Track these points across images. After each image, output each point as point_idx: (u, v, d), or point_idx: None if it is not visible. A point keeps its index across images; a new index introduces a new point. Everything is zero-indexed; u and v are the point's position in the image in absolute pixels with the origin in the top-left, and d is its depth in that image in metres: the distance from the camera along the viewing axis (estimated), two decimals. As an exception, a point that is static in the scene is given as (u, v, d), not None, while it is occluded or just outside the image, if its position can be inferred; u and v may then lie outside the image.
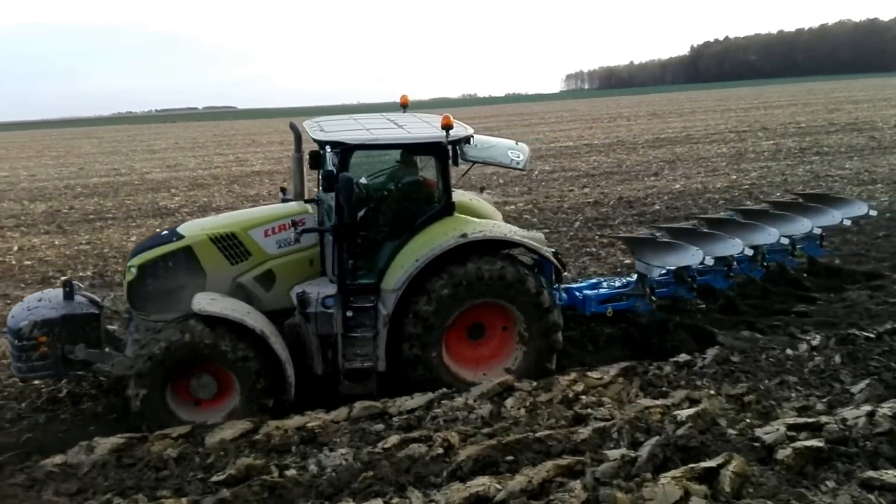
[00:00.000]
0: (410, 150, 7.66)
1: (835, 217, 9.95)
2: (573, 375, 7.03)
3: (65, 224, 20.08)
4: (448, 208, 7.35)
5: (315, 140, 7.38)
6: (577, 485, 4.74)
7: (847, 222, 10.14)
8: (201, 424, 6.50)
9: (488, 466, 5.31)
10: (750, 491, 4.61)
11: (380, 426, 6.26)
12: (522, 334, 7.33)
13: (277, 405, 6.84)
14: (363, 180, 7.97)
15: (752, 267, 9.39)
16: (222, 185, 27.50)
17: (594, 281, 9.54)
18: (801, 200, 10.81)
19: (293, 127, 8.29)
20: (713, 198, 18.47)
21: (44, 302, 7.47)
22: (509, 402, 6.53)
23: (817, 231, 9.75)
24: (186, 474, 5.66)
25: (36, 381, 7.89)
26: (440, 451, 5.57)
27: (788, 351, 7.50)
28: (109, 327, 8.30)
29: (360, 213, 7.37)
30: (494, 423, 6.17)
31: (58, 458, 5.94)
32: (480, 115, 74.20)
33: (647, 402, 6.33)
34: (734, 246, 8.63)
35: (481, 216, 7.95)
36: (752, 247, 8.88)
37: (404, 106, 8.62)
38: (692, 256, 8.31)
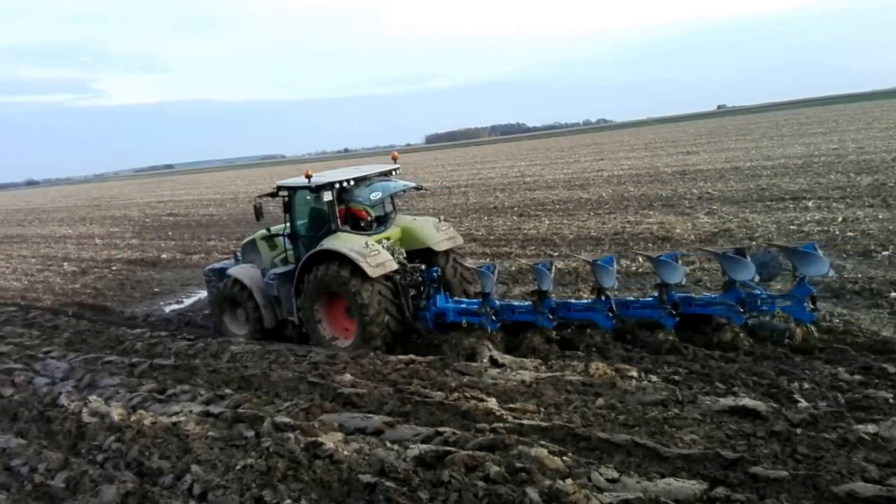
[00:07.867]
0: (310, 191, 11.17)
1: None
2: None
3: (889, 198, 19.66)
4: (330, 229, 10.97)
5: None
6: None
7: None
8: None
9: None
10: None
11: None
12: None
13: (262, 330, 12.06)
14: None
15: (663, 314, 9.07)
16: None
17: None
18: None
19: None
20: None
21: (225, 261, 14.23)
22: None
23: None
24: None
25: None
26: None
27: None
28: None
29: (305, 226, 11.67)
30: None
31: (870, 427, 6.16)
32: None
33: None
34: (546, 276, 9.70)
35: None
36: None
37: (394, 159, 12.34)
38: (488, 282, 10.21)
